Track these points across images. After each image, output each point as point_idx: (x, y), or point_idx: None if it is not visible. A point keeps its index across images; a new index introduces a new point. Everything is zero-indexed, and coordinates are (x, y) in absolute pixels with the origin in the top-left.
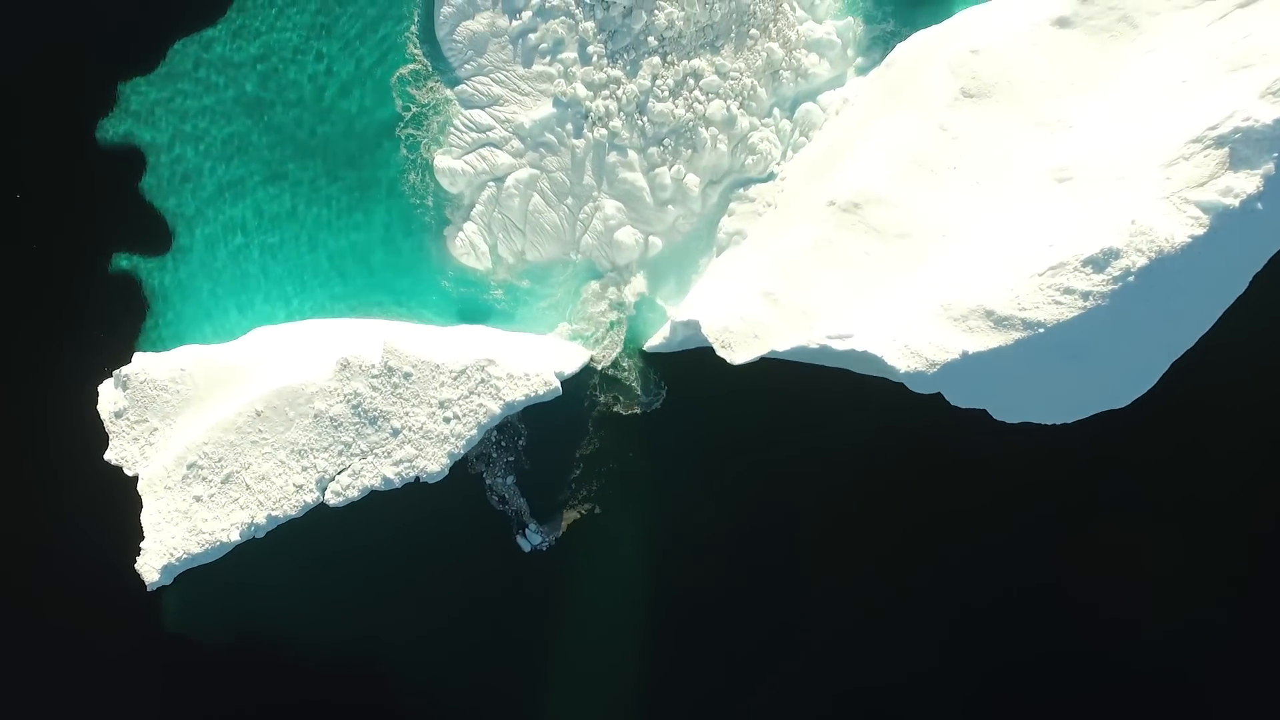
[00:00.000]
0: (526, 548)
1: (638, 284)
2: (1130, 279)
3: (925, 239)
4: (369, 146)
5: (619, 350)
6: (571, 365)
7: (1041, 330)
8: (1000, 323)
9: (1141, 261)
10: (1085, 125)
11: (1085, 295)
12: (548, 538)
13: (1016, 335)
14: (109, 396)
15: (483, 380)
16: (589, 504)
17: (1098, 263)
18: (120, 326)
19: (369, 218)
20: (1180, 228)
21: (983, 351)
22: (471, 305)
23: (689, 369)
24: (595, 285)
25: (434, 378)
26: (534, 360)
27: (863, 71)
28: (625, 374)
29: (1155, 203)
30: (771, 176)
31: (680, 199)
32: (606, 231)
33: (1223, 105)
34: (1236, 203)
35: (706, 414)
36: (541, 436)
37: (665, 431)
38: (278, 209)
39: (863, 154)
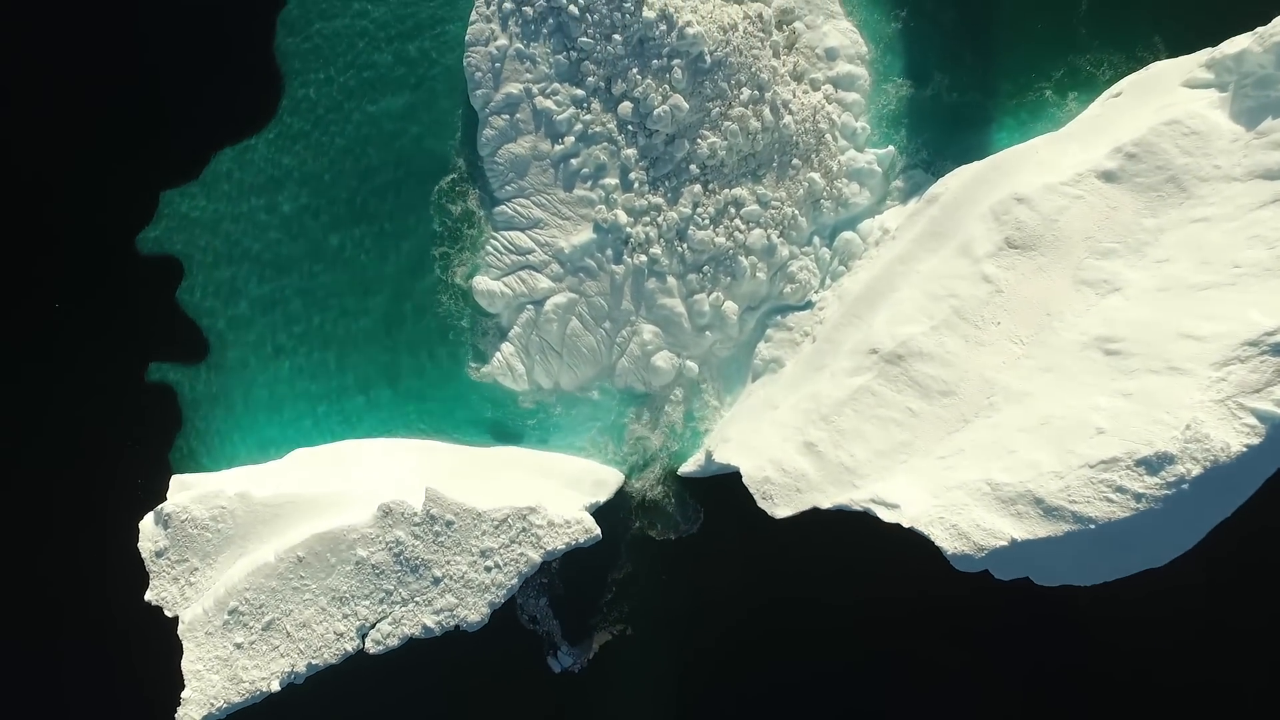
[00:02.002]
0: (558, 669)
1: (674, 415)
2: (1184, 486)
3: (970, 400)
4: (406, 265)
5: (655, 480)
6: (606, 489)
7: (1092, 526)
8: (1050, 512)
9: (1196, 471)
10: (1132, 292)
11: (1138, 497)
12: (579, 659)
13: (1066, 527)
14: (149, 534)
15: (524, 529)
16: (621, 625)
17: (1151, 465)
18: (156, 437)
19: (404, 336)
20: (1235, 436)
21: (1031, 539)
22: (506, 424)
23: (727, 491)
24: (631, 412)
25: (476, 526)
26: (572, 500)
27: (900, 197)
28: (661, 497)
29: (1209, 405)
30: (809, 305)
31: (718, 325)
32: (643, 356)
33: (1278, 308)
34: None
35: (742, 540)
36: (575, 559)
37: (700, 556)
38: (311, 325)
39: (905, 298)
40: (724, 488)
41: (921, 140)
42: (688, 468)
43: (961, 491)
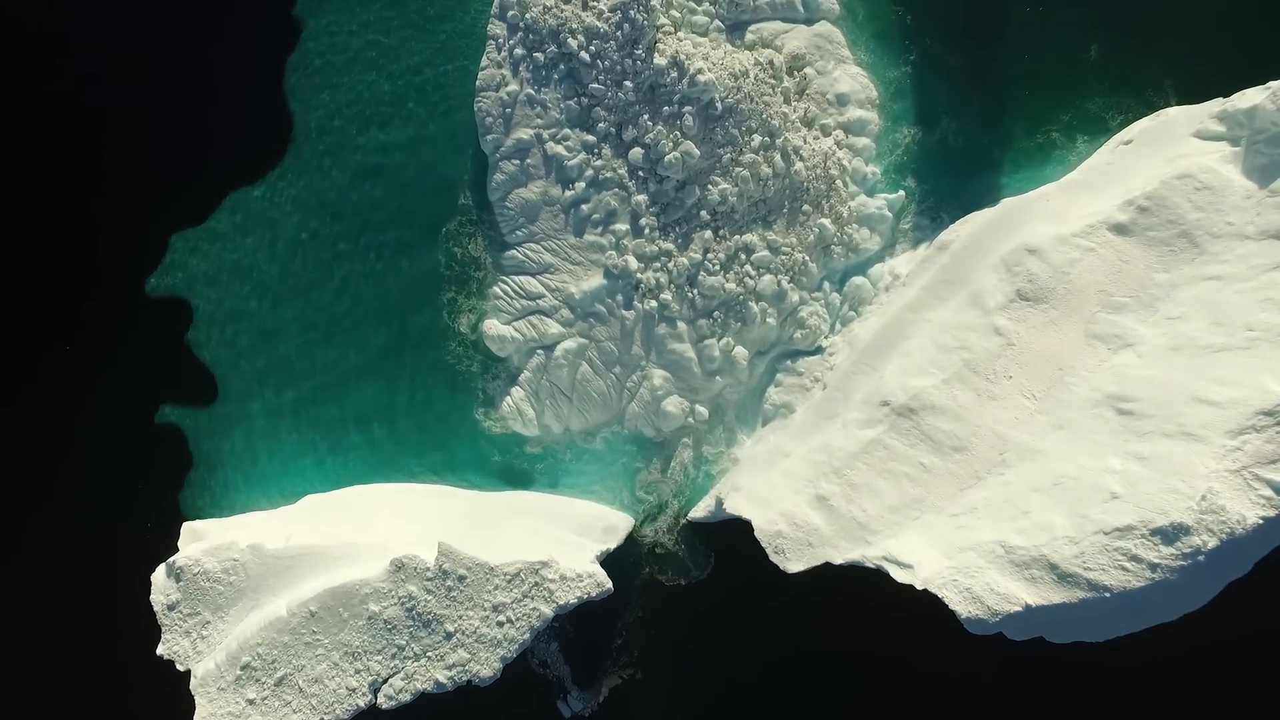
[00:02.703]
0: (567, 714)
1: (684, 459)
2: (1200, 558)
3: (982, 456)
4: (412, 308)
5: (665, 525)
6: (616, 535)
7: (1107, 595)
8: (1064, 579)
9: (1212, 543)
10: (1144, 349)
11: (1153, 567)
12: (589, 704)
13: (1080, 594)
14: (161, 587)
15: (536, 584)
16: (631, 670)
17: (1167, 535)
18: (166, 479)
19: (412, 379)
20: (1251, 509)
21: (1045, 605)
22: (516, 468)
23: (737, 536)
24: (641, 458)
25: (488, 580)
26: (583, 549)
27: (910, 242)
28: (671, 543)
29: (1224, 475)
30: (820, 350)
31: (728, 370)
32: (654, 401)
33: None
34: None
35: (753, 586)
36: (585, 604)
37: (710, 601)
38: (317, 368)
39: (916, 349)
40: (735, 533)
41: (931, 185)
42: (698, 513)
43: (975, 553)
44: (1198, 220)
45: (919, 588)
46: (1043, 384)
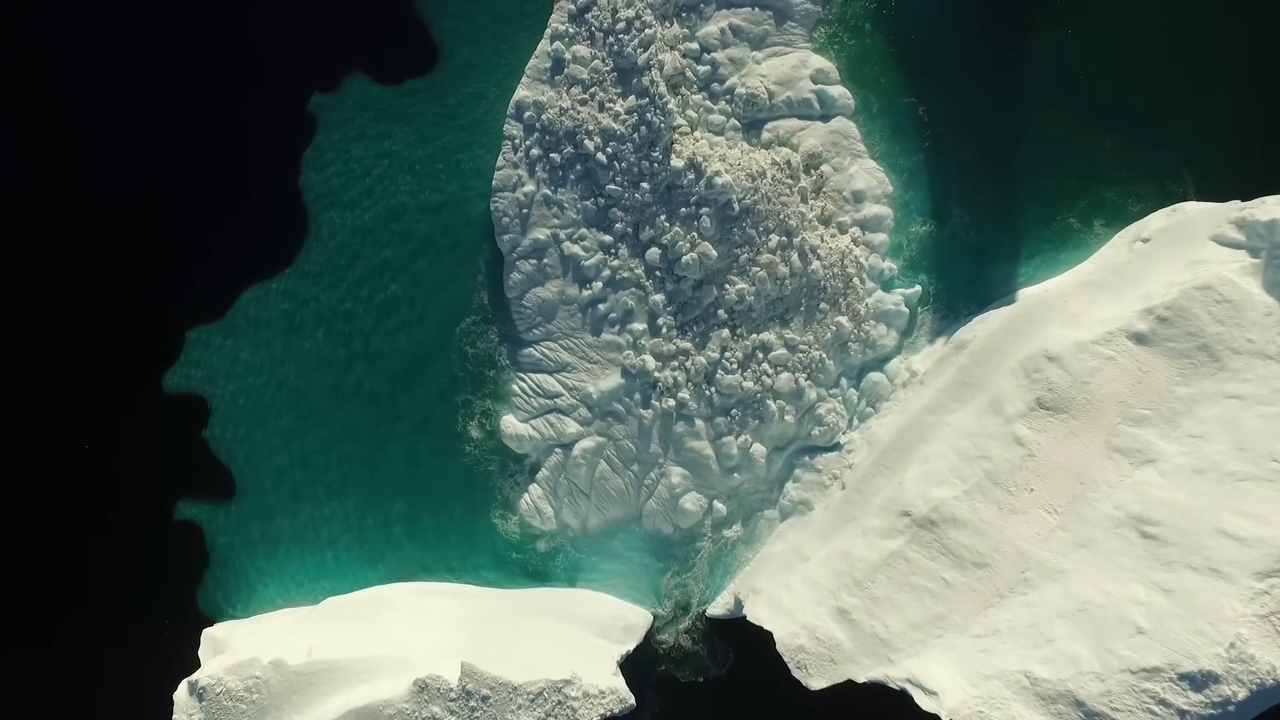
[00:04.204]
0: None
1: (702, 556)
2: (1230, 708)
3: (1004, 574)
4: (428, 407)
5: (684, 628)
6: (635, 635)
7: None
8: (1091, 716)
9: (1242, 694)
10: (1167, 468)
11: (1181, 713)
12: None
13: None
14: (184, 706)
15: (559, 702)
16: None
17: (1195, 682)
18: (183, 576)
19: (428, 478)
20: None
21: None
22: (534, 565)
23: (756, 633)
24: (659, 558)
25: (511, 700)
26: (603, 653)
27: (927, 335)
28: (689, 640)
29: (1253, 620)
30: (838, 447)
31: (746, 467)
32: (672, 498)
33: None
34: None
35: (771, 684)
36: None
37: (728, 699)
38: (332, 465)
39: (936, 455)
40: (753, 629)
41: (946, 278)
42: (716, 610)
43: (1000, 683)
44: (1218, 334)
45: (945, 718)
46: (1064, 498)
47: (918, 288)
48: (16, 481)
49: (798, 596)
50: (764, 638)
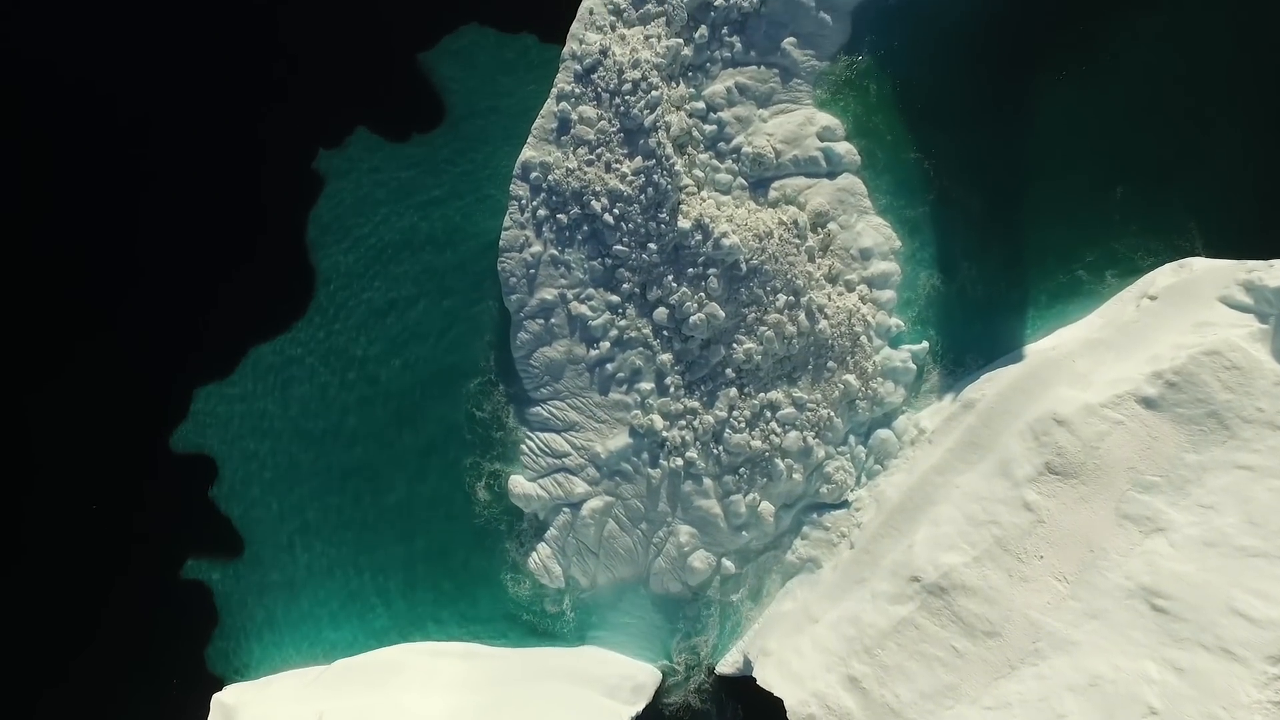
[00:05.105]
0: None
1: (711, 613)
2: None
3: (1015, 644)
4: (439, 469)
5: (693, 688)
6: (644, 694)
7: None
8: None
9: None
10: (1177, 538)
11: None
12: None
13: None
14: None
15: None
16: None
17: None
18: (193, 634)
19: (437, 537)
20: None
21: None
22: (543, 624)
23: (765, 691)
24: (668, 618)
25: None
26: (613, 714)
27: (936, 390)
28: (698, 700)
29: (1267, 707)
30: (846, 505)
31: (754, 524)
32: (680, 556)
33: None
34: None
35: None
36: None
37: None
38: (340, 525)
39: (945, 518)
40: (762, 689)
41: (954, 333)
42: (725, 669)
43: None
44: (1227, 401)
45: None
46: (1074, 566)
47: (925, 344)
48: (25, 541)
49: (808, 661)
50: (774, 696)
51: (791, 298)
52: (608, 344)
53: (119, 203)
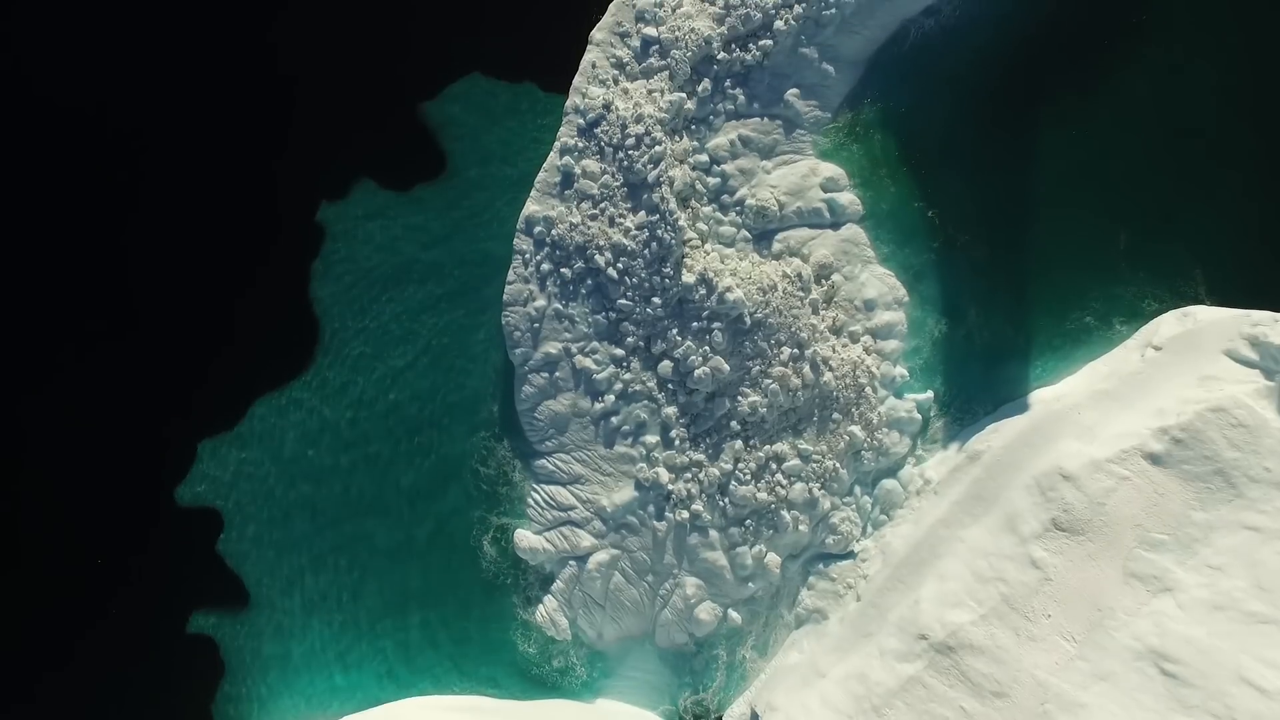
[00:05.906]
0: None
1: (717, 664)
2: None
3: (1023, 705)
4: (446, 523)
5: None
6: None
7: None
8: None
9: None
10: (1185, 599)
11: None
12: None
13: None
14: None
15: None
16: None
17: None
18: (199, 689)
19: (444, 592)
20: None
21: None
22: (550, 677)
23: None
24: (675, 673)
25: None
26: None
27: (941, 439)
28: None
29: None
30: (852, 555)
31: (760, 575)
32: (687, 608)
33: None
34: None
35: None
36: None
37: None
38: (348, 580)
39: (951, 574)
40: None
41: (960, 381)
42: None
43: None
44: (1234, 460)
45: None
46: (1082, 625)
47: (930, 393)
48: (31, 596)
49: (815, 718)
50: None
51: (796, 350)
52: (612, 397)
53: (120, 254)
